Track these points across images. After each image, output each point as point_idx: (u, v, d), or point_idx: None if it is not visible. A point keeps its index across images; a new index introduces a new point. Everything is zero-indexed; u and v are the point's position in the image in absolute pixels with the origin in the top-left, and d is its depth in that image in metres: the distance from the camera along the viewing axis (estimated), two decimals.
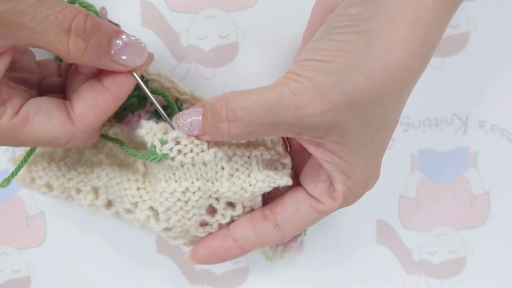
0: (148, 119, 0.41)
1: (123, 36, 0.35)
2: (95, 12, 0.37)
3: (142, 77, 0.41)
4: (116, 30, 0.35)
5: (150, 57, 0.37)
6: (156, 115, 0.42)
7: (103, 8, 0.37)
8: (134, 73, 0.36)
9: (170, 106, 0.42)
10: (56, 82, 0.40)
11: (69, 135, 0.36)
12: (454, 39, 0.46)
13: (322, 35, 0.34)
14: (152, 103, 0.38)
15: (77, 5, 0.37)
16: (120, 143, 0.40)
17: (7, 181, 0.41)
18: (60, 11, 0.33)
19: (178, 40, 0.44)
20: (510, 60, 0.47)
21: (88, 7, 0.37)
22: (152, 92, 0.42)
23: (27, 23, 0.32)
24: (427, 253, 0.51)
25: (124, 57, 0.35)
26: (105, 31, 0.34)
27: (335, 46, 0.33)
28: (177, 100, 0.43)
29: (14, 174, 0.41)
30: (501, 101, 0.48)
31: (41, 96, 0.39)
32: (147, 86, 0.42)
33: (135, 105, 0.42)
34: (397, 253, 0.51)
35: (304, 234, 0.48)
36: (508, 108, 0.48)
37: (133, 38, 0.36)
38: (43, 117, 0.35)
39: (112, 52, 0.35)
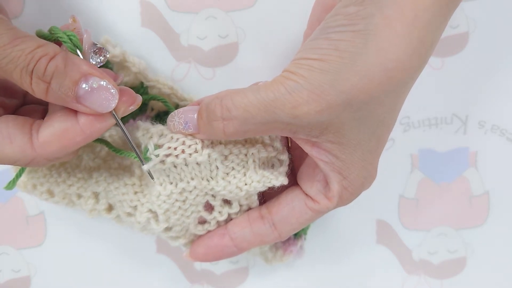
0: (152, 124, 0.41)
1: (91, 80, 0.34)
2: (75, 42, 0.35)
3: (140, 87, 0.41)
4: (86, 73, 0.34)
5: (137, 101, 0.36)
6: (156, 120, 0.42)
7: (86, 31, 0.36)
8: (114, 113, 0.35)
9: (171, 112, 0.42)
10: None
11: (29, 159, 0.36)
12: (454, 39, 0.46)
13: (319, 34, 0.34)
14: (128, 143, 0.37)
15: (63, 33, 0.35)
16: (105, 143, 0.40)
17: (13, 183, 0.41)
18: (30, 52, 0.33)
19: (178, 40, 0.44)
20: (510, 60, 0.47)
21: (68, 37, 0.35)
22: (152, 98, 0.42)
23: None
24: (427, 253, 0.51)
25: (90, 102, 0.34)
26: (69, 74, 0.33)
27: (331, 45, 0.33)
28: (177, 106, 0.43)
29: (18, 175, 0.41)
30: (501, 101, 0.48)
31: (25, 104, 0.39)
32: (146, 97, 0.42)
33: (135, 111, 0.42)
34: (397, 253, 0.51)
35: (305, 238, 0.48)
36: (508, 108, 0.48)
37: (104, 82, 0.34)
38: (2, 141, 0.35)
39: (79, 95, 0.34)
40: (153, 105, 0.44)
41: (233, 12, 0.43)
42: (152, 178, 0.38)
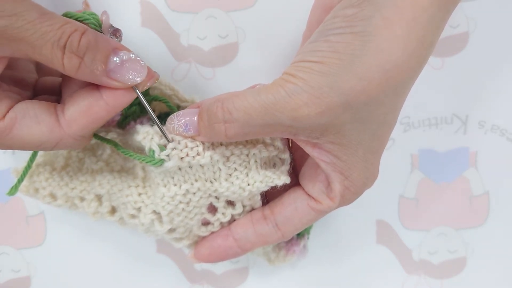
0: (151, 125, 0.41)
1: (121, 54, 0.35)
2: (96, 20, 0.36)
3: None
4: (115, 47, 0.35)
5: (155, 76, 0.37)
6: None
7: (104, 13, 0.36)
8: (136, 88, 0.36)
9: (173, 113, 0.42)
10: (52, 82, 0.40)
11: (57, 140, 0.36)
12: (454, 39, 0.46)
13: (318, 36, 0.34)
14: (151, 118, 0.38)
15: (82, 14, 0.36)
16: (114, 144, 0.40)
17: (15, 188, 0.41)
18: (60, 27, 0.33)
19: (178, 40, 0.44)
20: (510, 60, 0.47)
21: (90, 15, 0.36)
22: (154, 99, 0.42)
23: (26, 38, 0.32)
24: (427, 253, 0.51)
25: (121, 75, 0.35)
26: (101, 48, 0.34)
27: (330, 48, 0.33)
28: (178, 107, 0.43)
29: (20, 180, 0.41)
30: (501, 101, 0.48)
31: (36, 96, 0.39)
32: (148, 98, 0.42)
33: (137, 113, 0.42)
34: (397, 253, 0.51)
35: (308, 238, 0.48)
36: (508, 108, 0.48)
37: (133, 55, 0.35)
38: (30, 121, 0.35)
39: (109, 69, 0.34)
40: (154, 106, 0.44)
41: (233, 12, 0.43)
42: (168, 140, 0.38)
